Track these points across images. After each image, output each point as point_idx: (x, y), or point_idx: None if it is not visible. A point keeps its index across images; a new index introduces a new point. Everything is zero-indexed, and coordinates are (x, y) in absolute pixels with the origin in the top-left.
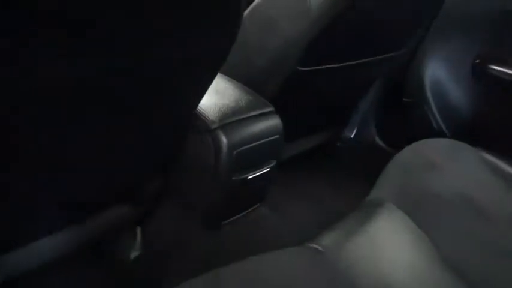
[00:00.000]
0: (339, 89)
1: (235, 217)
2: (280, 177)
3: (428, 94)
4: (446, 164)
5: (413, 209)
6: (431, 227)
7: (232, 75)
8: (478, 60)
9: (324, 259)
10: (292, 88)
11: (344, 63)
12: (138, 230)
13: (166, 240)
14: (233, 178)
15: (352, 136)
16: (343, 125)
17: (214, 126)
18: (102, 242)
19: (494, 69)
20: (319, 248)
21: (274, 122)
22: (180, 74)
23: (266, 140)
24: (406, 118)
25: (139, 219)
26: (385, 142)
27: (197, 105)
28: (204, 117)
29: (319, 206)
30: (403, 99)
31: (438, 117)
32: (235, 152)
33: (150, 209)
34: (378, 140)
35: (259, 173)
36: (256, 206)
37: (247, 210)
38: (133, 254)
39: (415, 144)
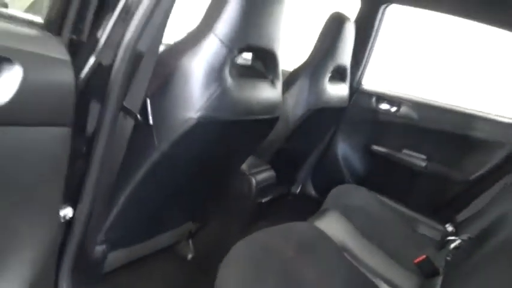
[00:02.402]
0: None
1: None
2: None
3: (342, 164)
4: (355, 193)
5: (346, 214)
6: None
7: None
8: (366, 144)
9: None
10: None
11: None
12: (190, 241)
13: (212, 246)
14: (257, 201)
15: (297, 192)
16: (292, 183)
17: (248, 172)
18: (173, 245)
19: (375, 149)
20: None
21: (272, 173)
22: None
23: (270, 181)
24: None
25: (194, 232)
26: (316, 191)
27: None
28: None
29: None
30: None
31: (348, 174)
32: (258, 187)
33: (202, 225)
34: (311, 190)
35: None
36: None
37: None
38: (189, 256)
39: (338, 187)
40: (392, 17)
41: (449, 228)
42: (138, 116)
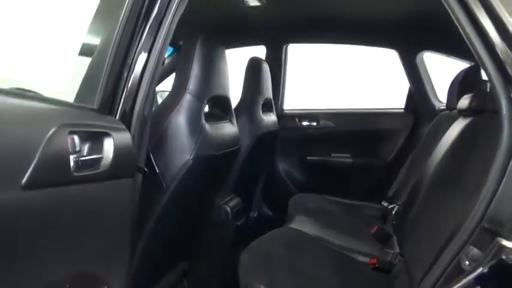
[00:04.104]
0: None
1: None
2: None
3: (286, 179)
4: (307, 199)
5: (309, 215)
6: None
7: None
8: (301, 157)
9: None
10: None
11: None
12: (185, 280)
13: (206, 280)
14: (234, 225)
15: (255, 216)
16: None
17: (222, 203)
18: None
19: (309, 159)
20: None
21: (238, 199)
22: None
23: (239, 206)
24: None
25: (188, 270)
26: (270, 210)
27: None
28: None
29: None
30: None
31: (293, 186)
32: (233, 212)
33: (194, 262)
34: (267, 211)
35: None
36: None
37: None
38: None
39: (292, 198)
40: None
41: (385, 204)
42: (145, 169)
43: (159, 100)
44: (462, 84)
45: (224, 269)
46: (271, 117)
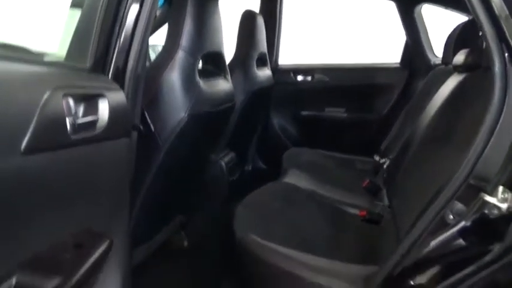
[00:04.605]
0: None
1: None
2: None
3: (281, 134)
4: (301, 153)
5: (303, 169)
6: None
7: None
8: (295, 112)
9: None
10: None
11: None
12: (183, 232)
13: (202, 231)
14: (228, 180)
15: (250, 169)
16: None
17: (216, 158)
18: (171, 239)
19: (304, 114)
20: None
21: (233, 154)
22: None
23: (234, 161)
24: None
25: (185, 223)
26: (264, 163)
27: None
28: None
29: None
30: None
31: (287, 141)
32: (227, 167)
33: (190, 215)
34: (261, 164)
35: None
36: None
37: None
38: (185, 243)
39: (287, 152)
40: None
41: (377, 157)
42: (141, 126)
43: (152, 55)
44: (458, 39)
45: (220, 221)
46: (265, 72)
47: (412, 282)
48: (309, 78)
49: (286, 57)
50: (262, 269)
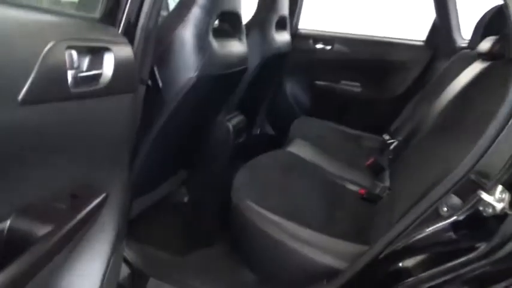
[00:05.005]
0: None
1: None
2: None
3: (292, 102)
4: (311, 124)
5: (309, 140)
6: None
7: None
8: (309, 81)
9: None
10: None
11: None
12: (184, 187)
13: (203, 188)
14: (234, 143)
15: (258, 133)
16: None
17: (224, 119)
18: (172, 192)
19: (318, 84)
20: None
21: (242, 117)
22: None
23: (242, 124)
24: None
25: (186, 179)
26: (273, 129)
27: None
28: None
29: None
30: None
31: (298, 109)
32: (234, 130)
33: (192, 171)
34: (269, 130)
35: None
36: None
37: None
38: (185, 199)
39: (296, 121)
40: None
41: (386, 137)
42: (149, 82)
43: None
44: (488, 24)
45: (221, 181)
46: (284, 37)
47: (400, 265)
48: (329, 47)
49: (307, 22)
50: (252, 233)
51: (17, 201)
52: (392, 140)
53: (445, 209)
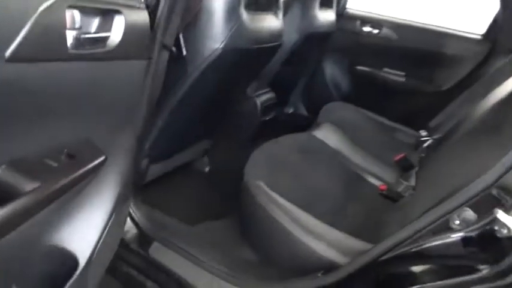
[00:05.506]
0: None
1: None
2: None
3: (330, 85)
4: (343, 109)
5: (338, 126)
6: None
7: None
8: (351, 65)
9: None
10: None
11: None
12: (206, 157)
13: (224, 160)
14: (261, 119)
15: (290, 112)
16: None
17: (253, 95)
18: (194, 161)
19: (359, 69)
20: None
21: (272, 94)
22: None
23: (271, 101)
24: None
25: (209, 149)
26: (307, 110)
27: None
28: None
29: None
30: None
31: (335, 93)
32: (262, 106)
33: (215, 142)
34: (302, 110)
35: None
36: None
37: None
38: (206, 168)
39: (328, 104)
40: None
41: (423, 133)
42: (173, 49)
43: None
44: None
45: (243, 156)
46: (328, 15)
47: (402, 270)
48: (376, 31)
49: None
50: (258, 215)
51: (6, 154)
52: (428, 138)
53: (457, 221)
